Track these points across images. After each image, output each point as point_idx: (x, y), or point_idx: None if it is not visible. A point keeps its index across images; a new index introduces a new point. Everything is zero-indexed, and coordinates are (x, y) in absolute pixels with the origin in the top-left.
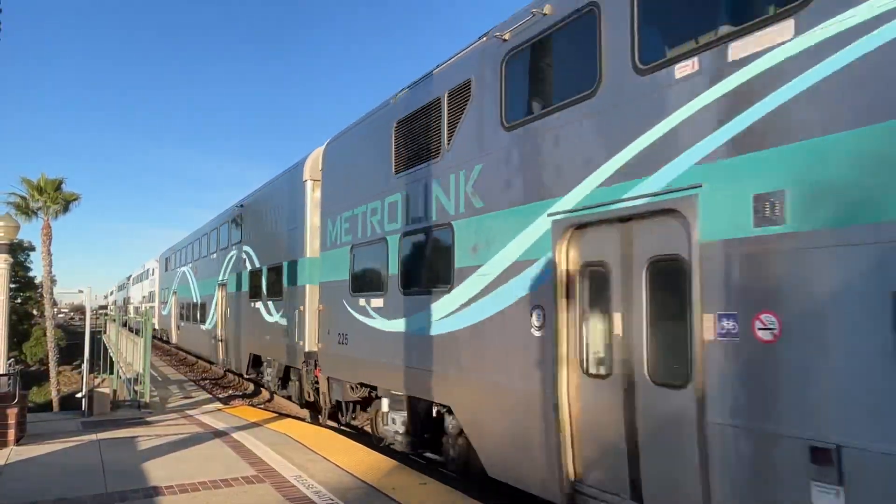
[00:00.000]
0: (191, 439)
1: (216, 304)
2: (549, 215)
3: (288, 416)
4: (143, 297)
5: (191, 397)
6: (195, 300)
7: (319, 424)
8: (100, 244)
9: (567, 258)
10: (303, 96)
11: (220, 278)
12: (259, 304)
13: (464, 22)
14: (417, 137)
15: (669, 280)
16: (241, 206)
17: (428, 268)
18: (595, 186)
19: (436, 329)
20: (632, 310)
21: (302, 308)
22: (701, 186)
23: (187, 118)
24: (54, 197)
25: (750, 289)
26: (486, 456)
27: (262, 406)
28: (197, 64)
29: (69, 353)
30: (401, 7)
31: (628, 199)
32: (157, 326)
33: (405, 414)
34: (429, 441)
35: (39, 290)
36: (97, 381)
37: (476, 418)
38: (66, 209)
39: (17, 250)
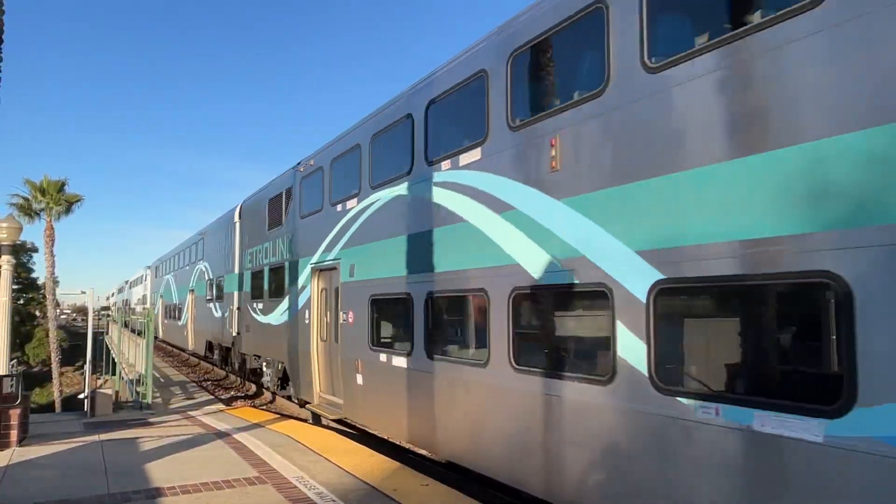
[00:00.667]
0: (193, 440)
1: (187, 305)
2: (310, 264)
3: (290, 417)
4: (138, 299)
5: (193, 398)
6: (175, 302)
7: (321, 425)
8: (102, 245)
9: (317, 285)
10: (304, 96)
11: (190, 285)
12: (211, 305)
13: (466, 19)
14: (275, 212)
15: (336, 297)
16: (203, 233)
17: (278, 285)
18: (321, 252)
19: (278, 321)
20: (332, 310)
21: (232, 307)
22: (341, 259)
23: (187, 118)
24: (57, 198)
25: (347, 301)
26: (295, 387)
27: (263, 407)
28: (197, 64)
29: (71, 354)
30: (404, 5)
31: (328, 261)
32: None
33: (272, 370)
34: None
35: (42, 291)
36: (99, 382)
37: (292, 367)
38: (68, 210)
39: (20, 251)
